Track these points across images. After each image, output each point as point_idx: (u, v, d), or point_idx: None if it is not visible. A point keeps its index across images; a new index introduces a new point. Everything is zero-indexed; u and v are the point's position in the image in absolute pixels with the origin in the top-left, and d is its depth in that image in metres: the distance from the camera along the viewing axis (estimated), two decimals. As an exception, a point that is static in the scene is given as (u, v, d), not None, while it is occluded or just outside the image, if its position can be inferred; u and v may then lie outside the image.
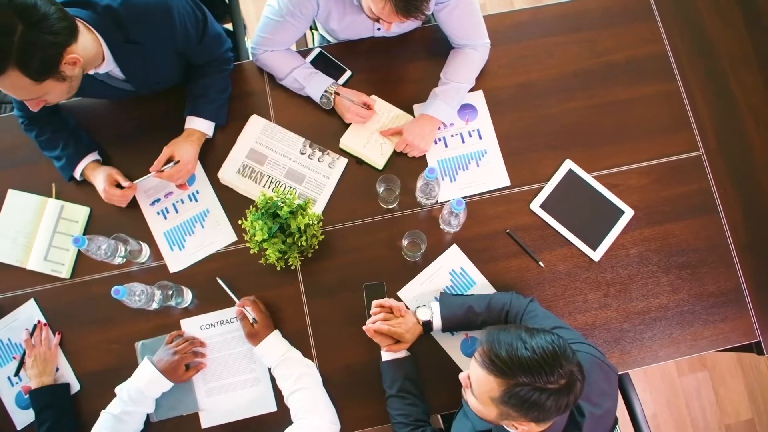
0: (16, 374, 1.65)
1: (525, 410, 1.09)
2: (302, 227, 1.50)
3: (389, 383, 1.54)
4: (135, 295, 1.53)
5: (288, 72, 1.71)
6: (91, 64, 1.47)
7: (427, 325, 1.53)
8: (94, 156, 1.73)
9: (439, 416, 1.80)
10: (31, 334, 1.65)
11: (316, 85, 1.70)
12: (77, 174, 1.71)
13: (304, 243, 1.52)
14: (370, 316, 1.57)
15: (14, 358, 1.67)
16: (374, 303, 1.57)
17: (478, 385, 1.15)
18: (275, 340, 1.57)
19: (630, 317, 1.65)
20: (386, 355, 1.56)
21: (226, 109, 1.74)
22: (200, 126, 1.69)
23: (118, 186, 1.68)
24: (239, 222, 1.58)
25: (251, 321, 1.56)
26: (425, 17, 1.40)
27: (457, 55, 1.72)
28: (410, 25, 1.74)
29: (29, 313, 1.69)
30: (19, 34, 1.18)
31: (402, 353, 1.56)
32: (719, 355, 2.48)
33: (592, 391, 1.25)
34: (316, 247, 1.58)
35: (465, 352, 1.62)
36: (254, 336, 1.56)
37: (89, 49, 1.39)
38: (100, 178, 1.68)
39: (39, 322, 1.67)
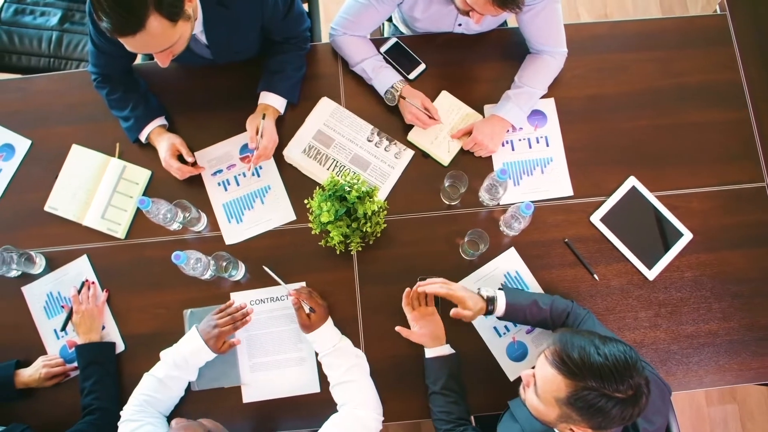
0: (63, 329, 1.65)
1: (589, 415, 1.09)
2: (369, 213, 1.50)
3: (433, 379, 1.53)
4: (193, 262, 1.54)
5: (359, 60, 1.72)
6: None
7: (491, 304, 1.49)
8: (161, 121, 1.73)
9: (472, 417, 1.81)
10: (79, 291, 1.65)
11: (383, 79, 1.69)
12: (143, 137, 1.72)
13: (368, 229, 1.52)
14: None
15: (63, 307, 1.67)
16: (431, 279, 1.55)
17: (544, 383, 1.15)
18: (328, 329, 1.56)
19: (679, 340, 1.64)
20: (430, 352, 1.55)
21: (299, 88, 1.74)
22: (274, 102, 1.69)
23: (180, 159, 1.69)
24: (305, 202, 1.58)
25: (307, 312, 1.55)
26: (519, 11, 1.39)
27: (534, 60, 1.72)
28: (492, 23, 1.73)
29: (80, 269, 1.70)
30: None
31: (447, 350, 1.56)
32: (751, 389, 2.48)
33: (648, 408, 1.25)
34: (378, 234, 1.58)
35: (510, 355, 1.63)
36: (308, 326, 1.54)
37: None
38: (164, 146, 1.69)
39: (87, 280, 1.67)
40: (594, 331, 1.17)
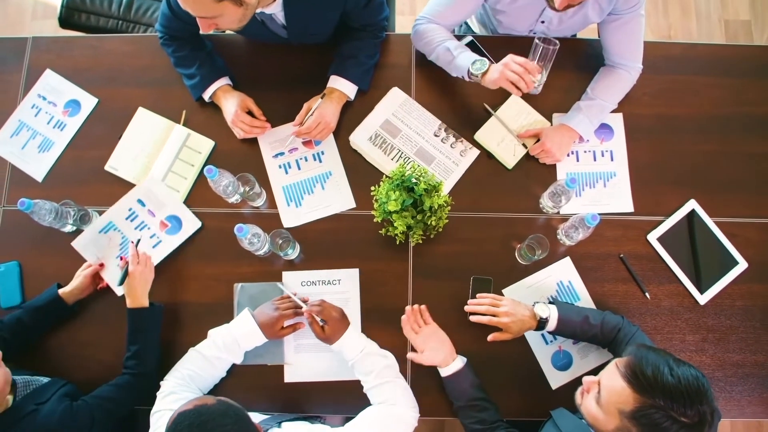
0: (120, 284, 1.60)
1: None
2: (434, 207, 1.50)
3: (456, 396, 1.52)
4: (252, 236, 1.54)
5: (441, 41, 1.65)
6: (265, 0, 1.47)
7: (542, 323, 1.51)
8: (227, 80, 1.74)
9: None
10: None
11: (469, 55, 1.60)
12: (207, 94, 1.72)
13: (433, 222, 1.52)
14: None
15: (121, 258, 1.66)
16: (479, 295, 1.57)
17: (610, 394, 1.15)
18: (352, 336, 1.52)
19: (724, 367, 1.64)
20: (446, 370, 1.53)
21: (371, 75, 1.74)
22: (343, 87, 1.69)
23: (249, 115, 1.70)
24: (371, 189, 1.58)
25: (321, 325, 1.52)
26: None
27: (609, 73, 1.72)
28: (575, 24, 1.71)
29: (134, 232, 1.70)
30: None
31: (460, 362, 1.53)
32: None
33: None
34: (440, 229, 1.58)
35: (555, 363, 1.62)
36: (326, 339, 1.52)
37: None
38: (233, 102, 1.69)
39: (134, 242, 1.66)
40: (669, 352, 1.17)
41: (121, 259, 1.66)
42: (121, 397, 1.48)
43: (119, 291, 1.63)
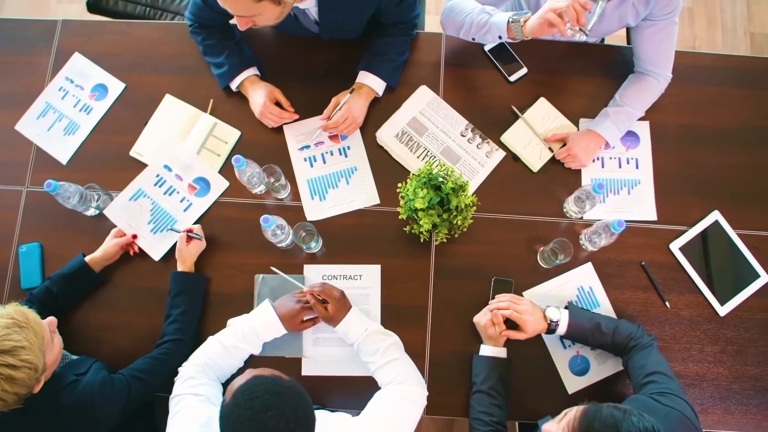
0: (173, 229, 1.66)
1: None
2: (461, 206, 1.50)
3: (482, 378, 1.53)
4: (277, 228, 1.54)
5: (475, 7, 1.58)
6: None
7: (552, 326, 1.52)
8: (254, 70, 1.74)
9: (516, 423, 1.81)
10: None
11: (504, 13, 1.54)
12: (235, 84, 1.72)
13: (458, 222, 1.52)
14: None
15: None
16: (500, 296, 1.57)
17: None
18: (355, 316, 1.53)
19: (741, 379, 1.64)
20: (487, 350, 1.56)
21: (400, 72, 1.74)
22: (372, 83, 1.69)
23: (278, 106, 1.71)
24: (397, 185, 1.57)
25: (324, 306, 1.51)
26: None
27: (639, 80, 1.72)
28: (611, 23, 1.69)
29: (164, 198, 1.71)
30: None
31: (504, 353, 1.56)
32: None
33: None
34: (465, 229, 1.58)
35: (572, 368, 1.62)
36: (330, 319, 1.51)
37: None
38: (261, 93, 1.69)
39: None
40: (626, 410, 1.09)
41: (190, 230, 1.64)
42: (158, 370, 1.49)
43: (156, 257, 1.66)
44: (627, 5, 1.60)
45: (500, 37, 1.55)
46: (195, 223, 1.69)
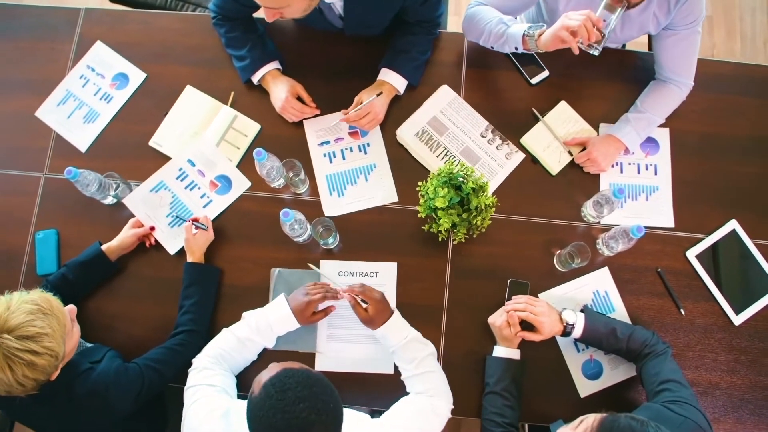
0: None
1: None
2: (481, 206, 1.50)
3: (495, 379, 1.53)
4: (295, 222, 1.54)
5: (494, 17, 1.61)
6: None
7: (568, 329, 1.52)
8: (276, 64, 1.74)
9: (526, 425, 1.80)
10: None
11: (521, 25, 1.57)
12: (257, 77, 1.72)
13: (478, 222, 1.52)
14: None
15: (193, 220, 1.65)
16: (517, 297, 1.57)
17: None
18: (398, 323, 1.52)
19: (755, 390, 1.64)
20: (501, 351, 1.55)
21: (422, 71, 1.75)
22: (394, 80, 1.69)
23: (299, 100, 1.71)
24: (418, 183, 1.57)
25: (364, 308, 1.51)
26: None
27: (660, 87, 1.72)
28: (633, 30, 1.69)
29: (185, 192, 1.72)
30: None
31: (517, 355, 1.56)
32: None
33: None
34: (483, 229, 1.58)
35: (585, 372, 1.62)
36: (371, 321, 1.50)
37: None
38: (283, 87, 1.69)
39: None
40: (643, 422, 1.07)
41: (196, 219, 1.64)
42: (172, 360, 1.49)
43: (172, 250, 1.67)
44: (648, 13, 1.60)
45: (517, 48, 1.58)
46: (214, 219, 1.69)
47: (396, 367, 1.57)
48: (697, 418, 1.30)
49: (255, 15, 1.75)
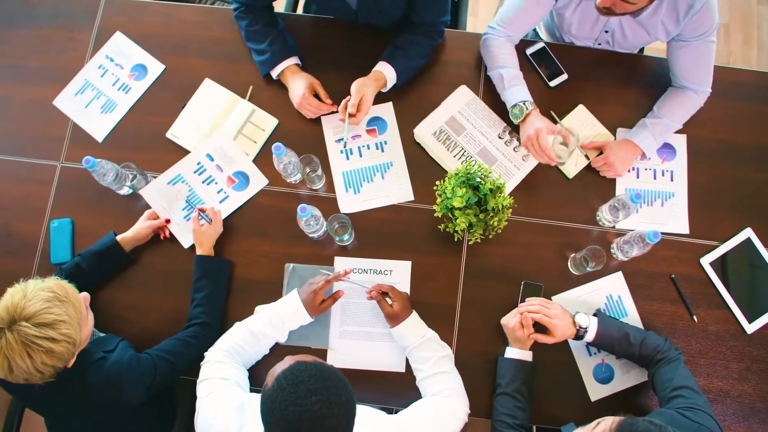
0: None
1: None
2: (498, 207, 1.50)
3: (507, 380, 1.53)
4: (311, 218, 1.54)
5: (501, 65, 1.68)
6: None
7: (581, 333, 1.52)
8: (296, 60, 1.74)
9: (534, 427, 1.80)
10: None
11: (517, 93, 1.66)
12: (276, 72, 1.72)
13: (494, 223, 1.52)
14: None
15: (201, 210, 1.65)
16: (531, 299, 1.57)
17: None
18: (415, 321, 1.54)
19: (766, 398, 1.63)
20: (513, 352, 1.55)
21: (413, 73, 1.74)
22: (388, 74, 1.69)
23: (316, 96, 1.71)
24: (435, 182, 1.57)
25: (390, 303, 1.53)
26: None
27: (677, 94, 1.72)
28: (641, 38, 1.71)
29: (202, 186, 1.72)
30: None
31: (529, 356, 1.56)
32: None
33: None
34: (499, 230, 1.58)
35: (597, 376, 1.62)
36: (394, 318, 1.53)
37: None
38: (301, 83, 1.69)
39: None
40: (662, 426, 1.06)
41: (203, 210, 1.64)
42: (185, 352, 1.49)
43: (186, 244, 1.67)
44: (656, 20, 1.60)
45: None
46: (229, 216, 1.69)
47: (408, 366, 1.57)
48: (711, 425, 1.30)
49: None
